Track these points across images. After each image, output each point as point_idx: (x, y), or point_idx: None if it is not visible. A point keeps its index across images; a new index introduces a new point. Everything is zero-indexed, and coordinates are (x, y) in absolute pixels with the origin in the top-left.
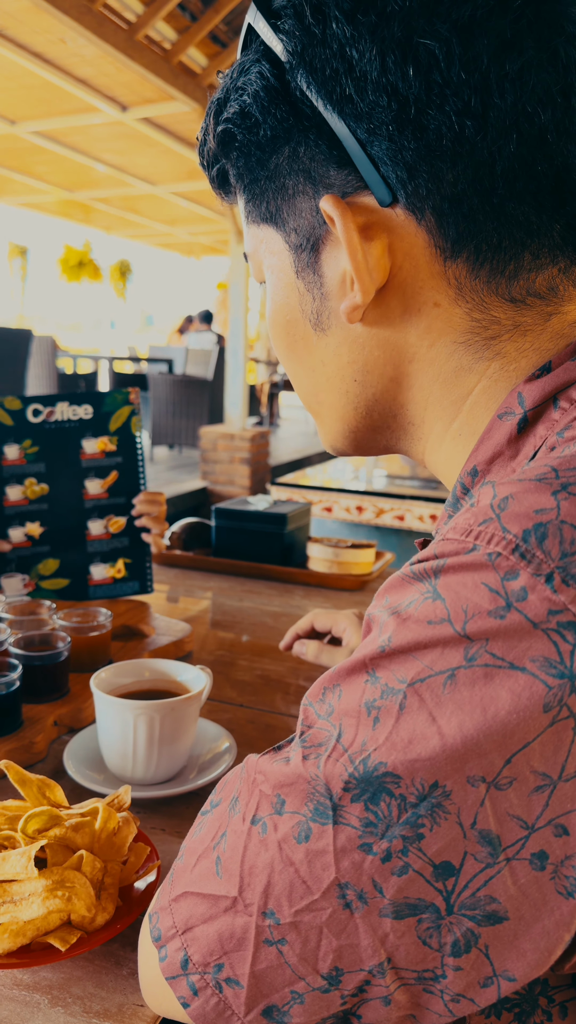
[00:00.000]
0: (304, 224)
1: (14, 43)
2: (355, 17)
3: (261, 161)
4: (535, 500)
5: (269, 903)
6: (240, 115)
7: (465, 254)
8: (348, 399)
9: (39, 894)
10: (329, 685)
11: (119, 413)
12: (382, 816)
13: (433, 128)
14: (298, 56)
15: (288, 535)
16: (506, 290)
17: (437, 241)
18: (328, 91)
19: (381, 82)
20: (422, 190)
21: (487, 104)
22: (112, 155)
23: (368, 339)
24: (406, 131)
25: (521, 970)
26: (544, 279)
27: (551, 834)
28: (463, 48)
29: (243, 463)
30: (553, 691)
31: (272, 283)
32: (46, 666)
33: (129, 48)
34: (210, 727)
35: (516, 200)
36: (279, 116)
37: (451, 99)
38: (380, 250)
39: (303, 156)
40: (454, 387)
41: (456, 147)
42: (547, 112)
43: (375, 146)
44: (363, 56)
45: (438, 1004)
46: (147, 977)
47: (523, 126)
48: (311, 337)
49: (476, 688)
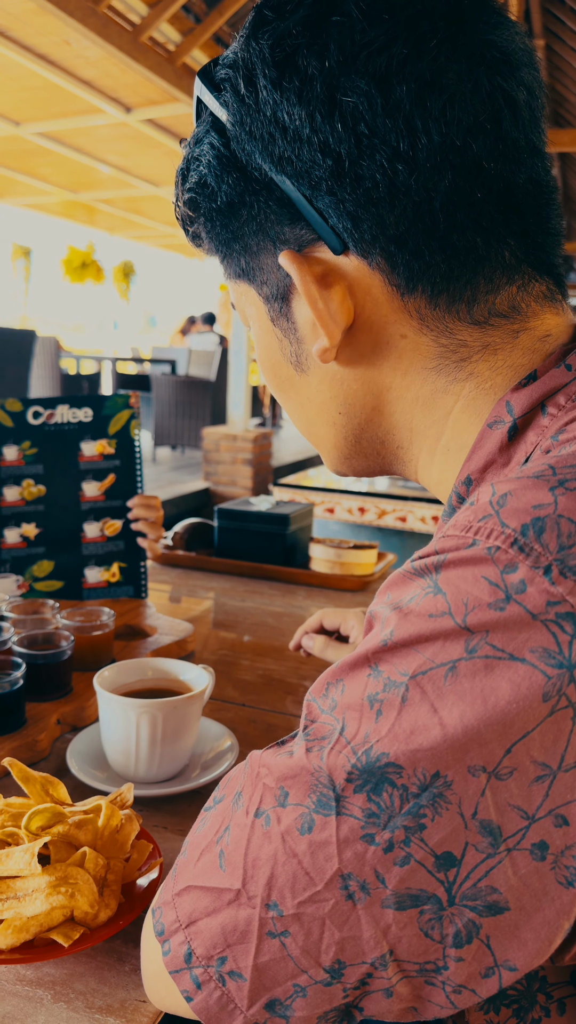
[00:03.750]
0: (271, 278)
1: (19, 44)
2: (280, 83)
3: (224, 225)
4: (533, 496)
5: (272, 895)
6: (199, 185)
7: (420, 288)
8: (337, 430)
9: (42, 890)
10: (332, 680)
11: (119, 416)
12: (384, 807)
13: (368, 176)
14: (239, 124)
15: (290, 536)
16: (467, 315)
17: (391, 280)
18: (269, 154)
19: (313, 140)
20: (367, 236)
21: (415, 145)
22: (116, 156)
23: (345, 375)
24: (344, 183)
25: (522, 960)
26: (504, 299)
27: (551, 824)
28: (384, 97)
29: (245, 464)
30: (552, 681)
31: (255, 331)
32: (49, 665)
33: (133, 50)
34: (212, 726)
35: (459, 231)
36: (231, 183)
37: (380, 147)
38: (341, 295)
39: (259, 217)
40: (433, 409)
41: (392, 191)
42: (478, 141)
43: (319, 200)
44: (293, 118)
45: (440, 996)
46: (150, 972)
47: (455, 160)
48: (295, 378)
49: (477, 679)
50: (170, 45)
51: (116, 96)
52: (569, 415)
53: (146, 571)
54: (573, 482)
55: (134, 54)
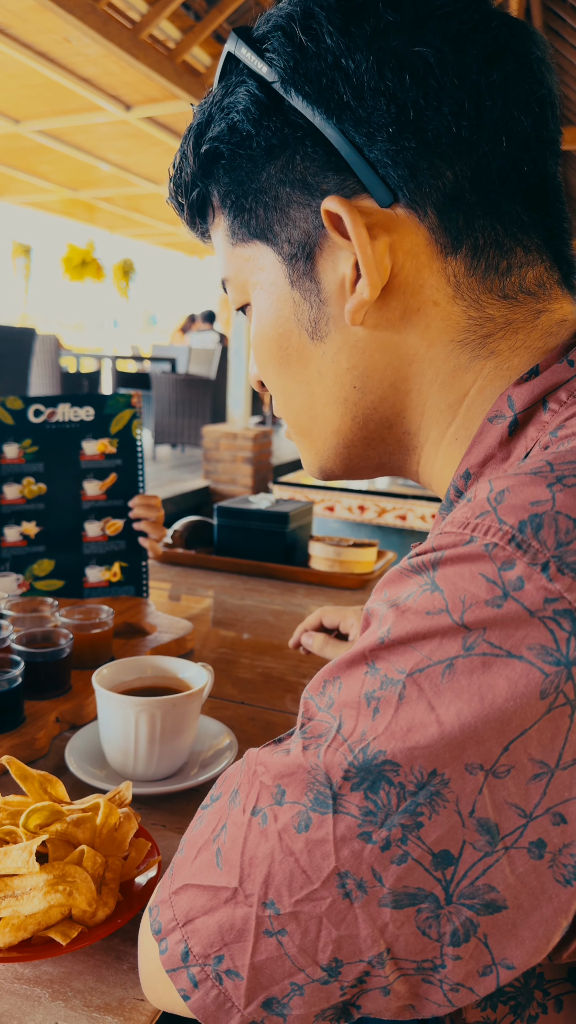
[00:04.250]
0: (298, 233)
1: (18, 42)
2: (349, 30)
3: (251, 174)
4: (531, 492)
5: (269, 893)
6: (229, 131)
7: (464, 249)
8: (346, 408)
9: (40, 888)
10: (329, 678)
11: (120, 416)
12: (381, 805)
13: (431, 129)
14: (291, 71)
15: (290, 534)
16: (499, 287)
17: (438, 237)
18: (325, 100)
19: (379, 88)
20: (424, 187)
21: (480, 107)
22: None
23: (368, 342)
24: (406, 132)
25: (520, 958)
26: (534, 275)
27: (549, 822)
28: (455, 56)
29: (245, 462)
30: (550, 678)
31: (261, 300)
32: (48, 663)
33: (133, 47)
34: (211, 724)
35: (509, 197)
36: (273, 128)
37: (447, 102)
38: (383, 248)
39: (298, 166)
40: (451, 389)
41: (455, 146)
42: (528, 119)
43: (373, 150)
44: (359, 66)
45: (437, 994)
46: (147, 971)
47: (511, 129)
48: (307, 348)
49: (474, 676)
50: (170, 43)
51: (116, 94)
52: (569, 411)
53: (147, 571)
54: (571, 479)
55: (134, 52)
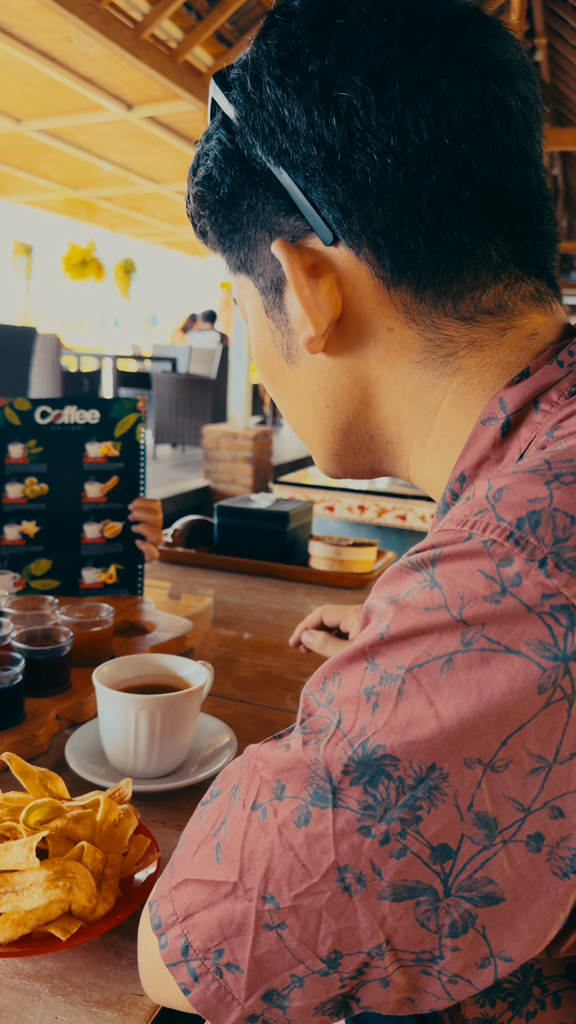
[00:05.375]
0: (267, 269)
1: (20, 41)
2: (284, 81)
3: (227, 217)
4: (529, 490)
5: (269, 887)
6: (206, 179)
7: (406, 281)
8: (325, 424)
9: (40, 884)
10: (329, 674)
11: (125, 420)
12: (380, 799)
13: (359, 169)
14: (244, 120)
15: (290, 533)
16: (453, 310)
17: (377, 271)
18: (269, 147)
19: (310, 134)
20: (355, 227)
21: (405, 142)
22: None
23: (333, 367)
24: (336, 175)
25: (518, 950)
26: (490, 297)
27: (547, 816)
28: (377, 94)
29: (246, 462)
30: (548, 673)
31: (251, 324)
32: (49, 660)
33: (135, 47)
34: (211, 722)
35: (445, 226)
36: (233, 175)
37: (372, 141)
38: (328, 286)
39: (258, 208)
40: (421, 403)
41: (381, 184)
42: (467, 142)
43: (313, 192)
44: (292, 113)
45: (436, 986)
46: (147, 965)
47: (443, 158)
48: (285, 370)
49: (473, 672)
50: (172, 42)
51: (117, 93)
52: (563, 411)
53: (143, 574)
54: (568, 476)
55: (136, 51)
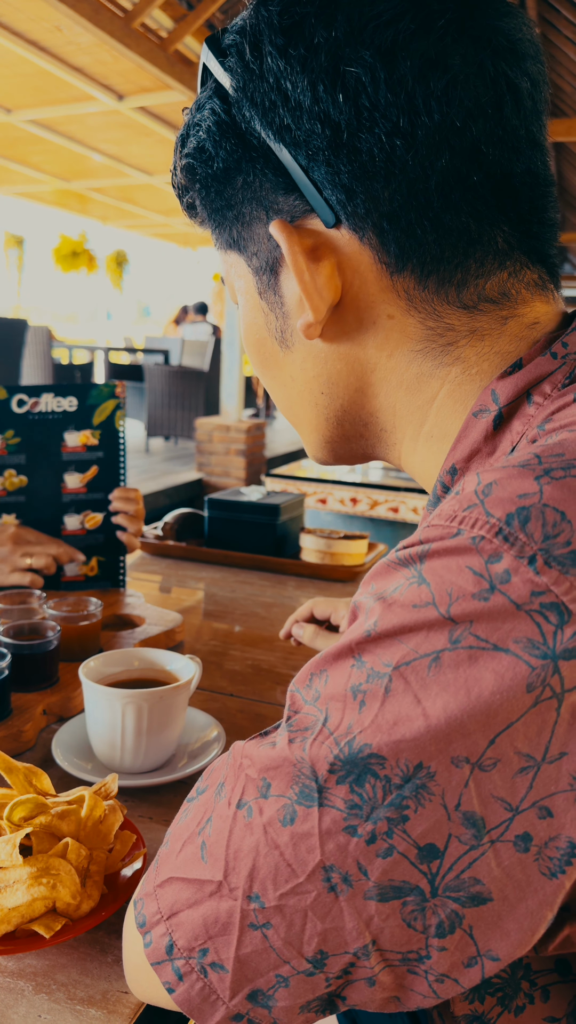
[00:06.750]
0: (262, 248)
1: (9, 31)
2: (287, 51)
3: (219, 192)
4: (519, 485)
5: (254, 887)
6: (197, 150)
7: (410, 267)
8: (319, 411)
9: (24, 881)
10: (316, 671)
11: (104, 407)
12: (367, 798)
13: (365, 150)
14: (241, 91)
15: (281, 526)
16: (456, 298)
17: (381, 257)
18: (269, 122)
19: (314, 110)
20: (360, 210)
21: (415, 123)
22: (108, 145)
23: (329, 353)
24: (341, 155)
25: (505, 950)
26: (494, 285)
27: (535, 816)
28: (387, 72)
29: (239, 455)
30: (536, 671)
31: (242, 304)
32: (35, 655)
33: (125, 36)
34: (199, 716)
35: (452, 212)
36: (229, 149)
37: (380, 121)
38: (329, 270)
39: (254, 185)
40: (418, 393)
41: (388, 166)
42: (478, 124)
43: (316, 171)
44: (296, 87)
45: (422, 985)
46: (132, 963)
47: (453, 141)
48: (279, 354)
49: (460, 670)
50: (162, 32)
51: (108, 83)
52: (555, 404)
53: (125, 565)
54: (559, 471)
55: (126, 41)
